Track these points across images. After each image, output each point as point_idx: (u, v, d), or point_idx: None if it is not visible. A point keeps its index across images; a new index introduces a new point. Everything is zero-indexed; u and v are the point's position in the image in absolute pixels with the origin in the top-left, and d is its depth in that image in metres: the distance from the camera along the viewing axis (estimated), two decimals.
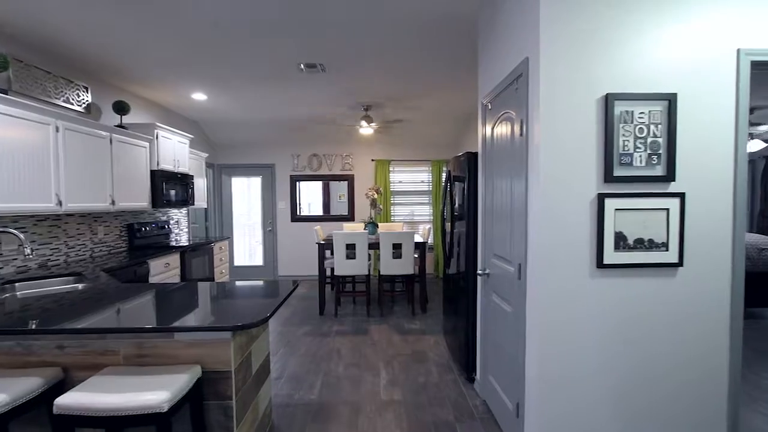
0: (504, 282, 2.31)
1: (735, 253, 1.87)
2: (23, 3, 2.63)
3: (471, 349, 3.04)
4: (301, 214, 7.31)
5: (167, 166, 4.56)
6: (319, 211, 7.40)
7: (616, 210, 1.84)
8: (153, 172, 4.34)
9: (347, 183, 7.21)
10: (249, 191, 7.26)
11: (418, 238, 5.18)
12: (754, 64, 1.84)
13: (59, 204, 3.06)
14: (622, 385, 1.88)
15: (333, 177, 7.20)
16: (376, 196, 5.53)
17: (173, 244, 4.83)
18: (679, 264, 1.86)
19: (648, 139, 1.83)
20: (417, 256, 5.10)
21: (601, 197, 1.83)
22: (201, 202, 5.65)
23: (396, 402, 2.78)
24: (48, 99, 3.34)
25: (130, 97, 4.53)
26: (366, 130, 5.52)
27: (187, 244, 4.80)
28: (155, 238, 4.79)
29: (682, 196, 1.85)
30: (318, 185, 7.40)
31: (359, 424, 2.52)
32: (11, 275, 2.89)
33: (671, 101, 1.81)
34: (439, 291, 6.09)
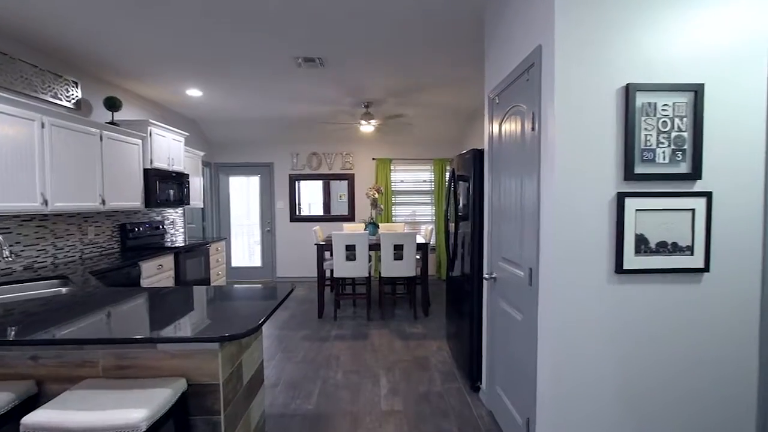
0: (513, 287, 2.16)
1: (766, 258, 1.73)
2: None
3: (476, 357, 2.90)
4: (301, 214, 7.17)
5: (161, 164, 4.42)
6: (320, 211, 7.27)
7: (637, 210, 1.69)
8: (146, 170, 4.20)
9: (347, 182, 7.07)
10: (248, 191, 7.12)
11: (420, 239, 5.04)
12: None
13: (44, 203, 2.92)
14: (643, 403, 1.74)
15: (333, 176, 7.06)
16: (376, 195, 5.39)
17: (168, 244, 4.69)
18: (705, 269, 1.71)
19: (672, 134, 1.68)
20: (419, 257, 4.95)
21: (621, 197, 1.68)
22: (197, 201, 5.51)
23: (397, 413, 2.64)
24: (34, 94, 3.20)
25: (122, 94, 4.39)
26: (367, 127, 5.38)
27: (183, 245, 4.66)
28: (149, 238, 4.66)
29: (708, 195, 1.70)
30: (318, 185, 7.26)
31: None
32: None
33: (698, 92, 1.67)
34: (442, 293, 5.94)
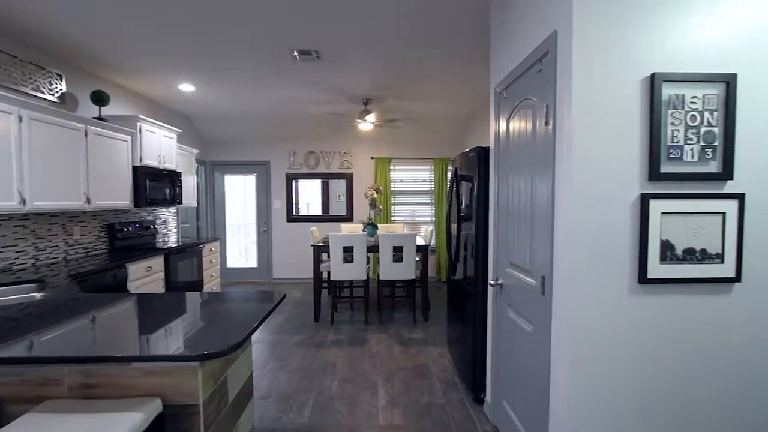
0: (522, 296, 2.00)
1: None
2: None
3: (480, 366, 2.74)
4: (299, 214, 7.01)
5: (152, 161, 4.25)
6: (318, 211, 7.11)
7: (662, 214, 1.53)
8: (135, 168, 4.03)
9: (345, 182, 6.90)
10: (244, 190, 6.95)
11: (419, 240, 4.87)
12: None
13: (22, 202, 2.75)
14: (669, 428, 1.57)
15: (331, 175, 6.89)
16: (375, 195, 5.22)
17: (160, 245, 4.52)
18: (736, 279, 1.55)
19: (701, 129, 1.52)
20: (418, 259, 4.79)
21: (645, 198, 1.52)
22: (190, 200, 5.34)
23: (396, 427, 2.47)
24: (13, 86, 3.03)
25: (111, 88, 4.21)
26: (365, 125, 5.21)
27: (175, 245, 4.49)
28: (139, 239, 4.49)
29: (740, 197, 1.54)
30: (317, 184, 7.10)
31: None
32: None
33: (729, 83, 1.50)
34: (442, 296, 5.78)
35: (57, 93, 3.46)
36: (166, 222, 5.27)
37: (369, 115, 4.97)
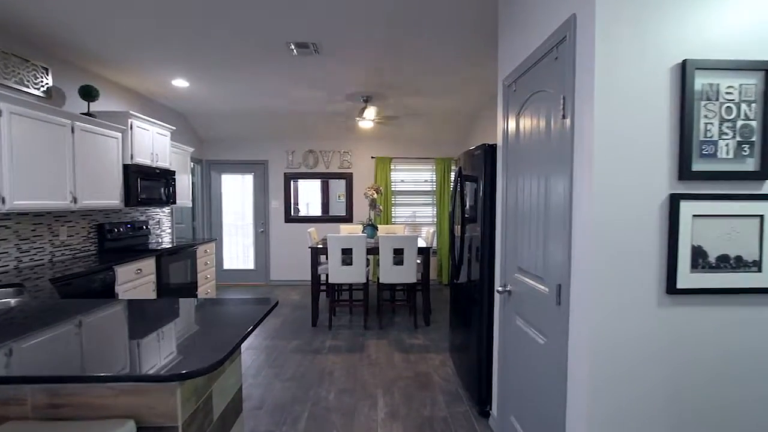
0: (533, 305, 1.84)
1: None
2: None
3: (485, 376, 2.58)
4: (298, 214, 6.87)
5: (143, 160, 4.10)
6: (318, 212, 6.97)
7: (693, 217, 1.37)
8: (126, 166, 3.88)
9: (345, 181, 6.74)
10: (242, 190, 6.80)
11: (421, 242, 4.72)
12: None
13: (1, 201, 2.60)
14: None
15: (330, 175, 6.74)
16: (375, 195, 5.07)
17: (153, 246, 4.37)
18: None
19: (737, 123, 1.37)
20: (420, 262, 4.63)
21: (675, 199, 1.36)
22: (185, 200, 5.18)
23: None
24: None
25: (101, 83, 4.06)
26: (366, 123, 5.06)
27: (171, 246, 4.34)
28: (131, 240, 4.34)
29: None
30: (317, 184, 6.96)
31: None
32: None
33: None
34: (444, 300, 5.62)
35: (43, 87, 3.31)
36: (159, 222, 5.12)
37: (368, 111, 4.82)
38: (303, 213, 6.97)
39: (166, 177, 4.46)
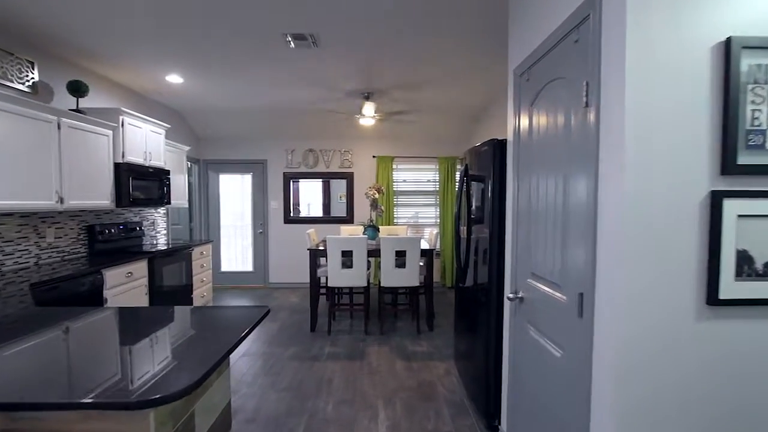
0: (549, 314, 1.67)
1: None
2: None
3: (493, 387, 2.42)
4: (299, 215, 6.72)
5: (136, 158, 3.95)
6: (320, 212, 6.84)
7: (738, 217, 1.20)
8: (117, 165, 3.73)
9: (346, 181, 6.58)
10: (241, 190, 6.64)
11: (424, 244, 4.55)
12: None
13: None
14: None
15: (330, 175, 6.58)
16: (377, 195, 4.91)
17: (147, 248, 4.22)
18: None
19: None
20: (423, 264, 4.46)
21: (717, 197, 1.19)
22: (180, 200, 5.04)
23: None
24: None
25: (91, 78, 3.90)
26: (367, 120, 4.90)
27: (164, 248, 4.19)
28: (124, 241, 4.18)
29: None
30: (318, 184, 6.83)
31: None
32: None
33: None
34: (448, 303, 5.45)
35: (28, 82, 3.16)
36: (154, 224, 4.97)
37: (368, 108, 4.65)
38: (304, 213, 6.83)
39: (160, 176, 4.31)
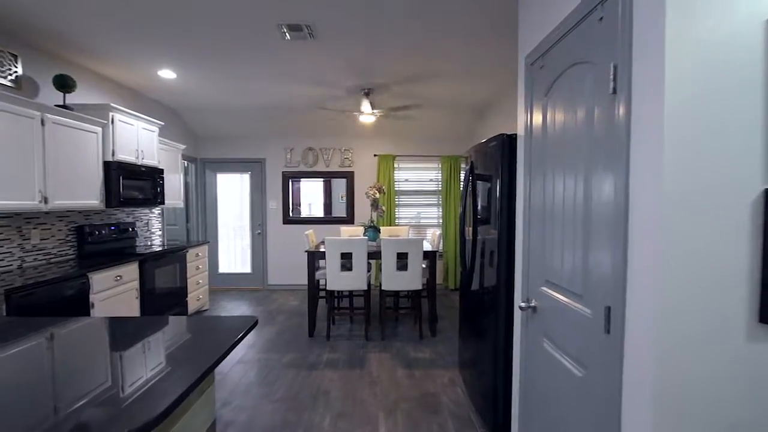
0: (568, 328, 1.50)
1: None
2: None
3: (502, 401, 2.25)
4: (299, 215, 6.57)
5: (127, 157, 3.80)
6: (321, 213, 6.68)
7: None
8: (107, 164, 3.58)
9: (346, 181, 6.42)
10: (240, 189, 6.49)
11: (426, 245, 4.38)
12: None
13: None
14: None
15: (330, 174, 6.42)
16: (377, 195, 4.74)
17: (141, 249, 4.07)
18: None
19: None
20: (425, 266, 4.30)
21: None
22: (175, 200, 4.88)
23: None
24: None
25: (80, 73, 3.74)
26: (367, 117, 4.73)
27: (156, 250, 4.03)
28: (115, 243, 4.03)
29: None
30: (319, 184, 6.67)
31: None
32: None
33: None
34: (451, 306, 5.28)
35: (11, 76, 3.01)
36: (148, 224, 4.82)
37: (365, 104, 4.49)
38: (306, 214, 6.68)
39: (153, 176, 4.16)
